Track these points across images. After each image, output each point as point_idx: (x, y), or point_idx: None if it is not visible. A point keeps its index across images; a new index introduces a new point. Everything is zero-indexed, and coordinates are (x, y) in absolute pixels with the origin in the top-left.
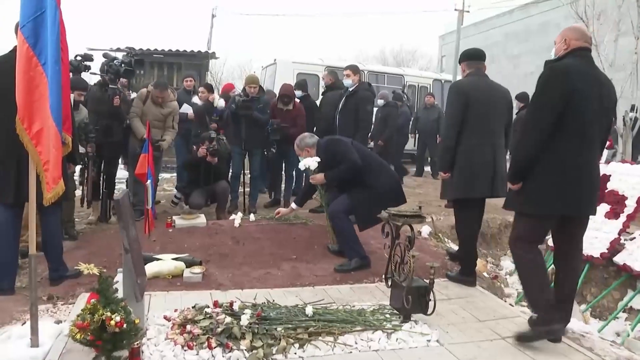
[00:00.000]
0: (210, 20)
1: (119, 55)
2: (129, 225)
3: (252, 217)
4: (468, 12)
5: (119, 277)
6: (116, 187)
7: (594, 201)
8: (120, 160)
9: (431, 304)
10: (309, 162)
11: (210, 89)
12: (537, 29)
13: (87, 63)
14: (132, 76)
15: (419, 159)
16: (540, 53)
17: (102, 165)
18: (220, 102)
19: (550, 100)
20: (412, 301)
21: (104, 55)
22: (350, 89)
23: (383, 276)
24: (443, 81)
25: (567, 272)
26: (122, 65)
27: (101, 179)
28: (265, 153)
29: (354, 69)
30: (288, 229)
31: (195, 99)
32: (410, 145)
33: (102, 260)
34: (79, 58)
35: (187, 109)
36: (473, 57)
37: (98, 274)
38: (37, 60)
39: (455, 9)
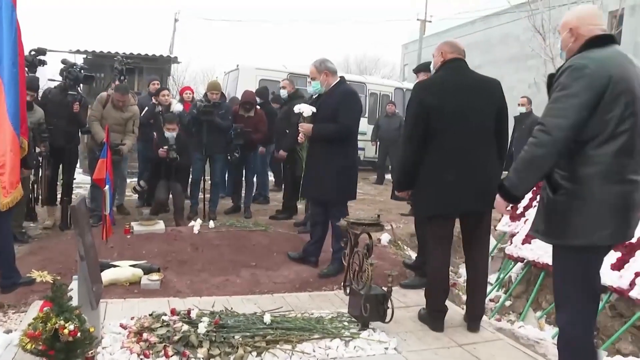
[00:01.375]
0: (172, 25)
1: (79, 57)
2: (85, 231)
3: (211, 223)
4: (430, 22)
5: (74, 285)
6: (73, 192)
7: (483, 198)
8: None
9: (389, 311)
10: (304, 107)
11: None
12: (498, 40)
13: (42, 57)
14: (92, 81)
15: (380, 167)
16: (500, 63)
17: (61, 170)
18: (177, 107)
19: (411, 117)
20: (370, 309)
21: (63, 62)
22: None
23: (342, 284)
24: (405, 90)
25: (470, 264)
26: (82, 71)
27: (57, 184)
28: (229, 157)
29: None
30: (247, 236)
31: (179, 106)
32: (372, 153)
33: (57, 267)
34: (33, 53)
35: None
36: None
37: (52, 281)
38: None
39: (418, 19)
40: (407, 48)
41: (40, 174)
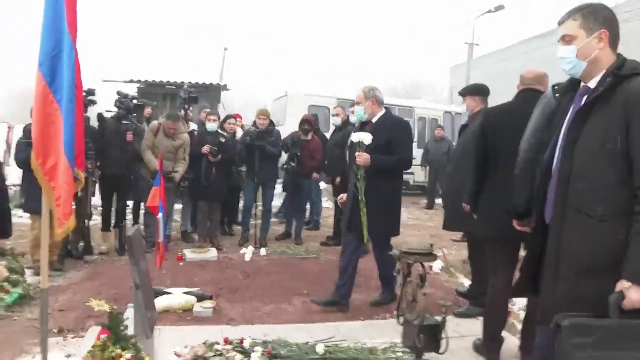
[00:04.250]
0: (222, 53)
1: (133, 86)
2: (140, 260)
3: (262, 250)
4: (477, 45)
5: (129, 313)
6: (126, 217)
7: None
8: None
9: (443, 342)
10: (364, 136)
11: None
12: (553, 60)
13: (92, 98)
14: (143, 110)
15: (429, 191)
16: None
17: (116, 197)
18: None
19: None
20: (424, 340)
21: (118, 93)
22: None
23: (394, 312)
24: (453, 113)
25: None
26: (133, 100)
27: (112, 210)
28: (285, 166)
29: None
30: (299, 263)
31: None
32: (421, 177)
33: (112, 292)
34: (83, 94)
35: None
36: (486, 94)
37: (109, 310)
38: (53, 97)
39: (465, 42)
40: (454, 71)
41: (86, 191)
